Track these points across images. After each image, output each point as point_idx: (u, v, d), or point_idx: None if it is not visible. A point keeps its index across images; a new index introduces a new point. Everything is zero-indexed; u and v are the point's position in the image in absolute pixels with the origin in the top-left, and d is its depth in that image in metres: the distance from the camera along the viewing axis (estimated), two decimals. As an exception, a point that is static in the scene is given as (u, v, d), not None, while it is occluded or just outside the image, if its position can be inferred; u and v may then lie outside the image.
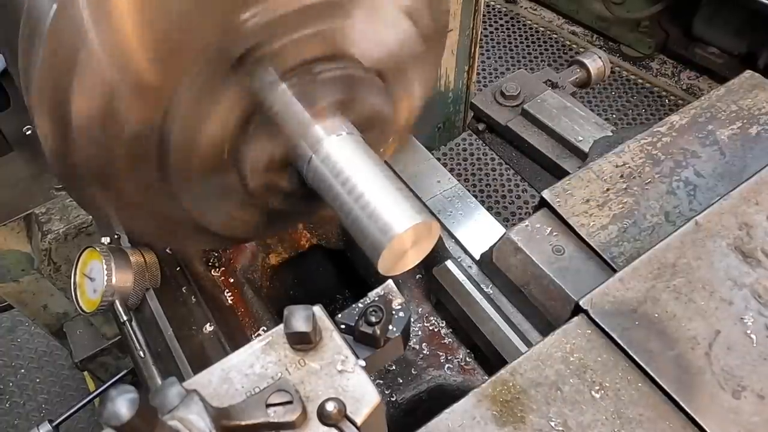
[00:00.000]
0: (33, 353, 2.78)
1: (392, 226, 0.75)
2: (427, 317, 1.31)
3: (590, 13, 3.77)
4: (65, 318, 1.91)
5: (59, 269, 1.60)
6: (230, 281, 1.37)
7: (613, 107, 3.50)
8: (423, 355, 1.25)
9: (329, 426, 0.61)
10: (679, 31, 3.50)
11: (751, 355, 0.80)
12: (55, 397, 2.66)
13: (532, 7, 4.07)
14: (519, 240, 1.09)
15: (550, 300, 1.07)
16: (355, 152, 0.84)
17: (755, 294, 0.86)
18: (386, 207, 0.77)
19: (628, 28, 3.65)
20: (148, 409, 0.51)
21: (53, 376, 2.72)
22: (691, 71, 3.57)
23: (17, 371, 2.74)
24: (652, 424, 0.76)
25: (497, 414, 0.78)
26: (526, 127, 1.57)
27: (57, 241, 1.51)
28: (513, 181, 3.18)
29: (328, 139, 0.84)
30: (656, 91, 3.57)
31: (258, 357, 0.67)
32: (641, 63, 3.67)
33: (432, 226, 0.79)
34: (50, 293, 1.77)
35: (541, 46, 3.87)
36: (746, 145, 1.13)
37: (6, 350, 2.81)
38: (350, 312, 0.77)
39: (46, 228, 1.51)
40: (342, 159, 0.83)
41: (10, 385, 2.70)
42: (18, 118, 1.49)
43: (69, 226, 1.51)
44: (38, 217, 1.52)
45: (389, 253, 0.76)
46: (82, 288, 1.26)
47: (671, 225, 1.05)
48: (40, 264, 1.58)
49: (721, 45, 3.33)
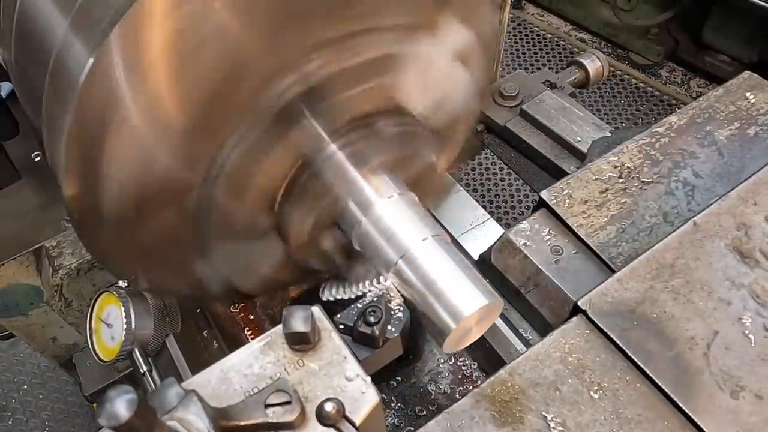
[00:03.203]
0: (36, 369, 2.69)
1: (460, 309, 0.71)
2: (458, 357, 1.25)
3: (598, 19, 3.71)
4: (74, 349, 1.81)
5: (71, 305, 1.51)
6: (250, 318, 1.31)
7: (622, 116, 3.45)
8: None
9: (328, 426, 0.61)
10: (689, 39, 3.45)
11: (749, 356, 0.81)
12: (58, 414, 2.56)
13: (539, 14, 4.02)
14: (518, 240, 1.09)
15: (549, 300, 1.07)
16: (410, 216, 0.79)
17: (753, 294, 0.86)
18: (453, 287, 0.72)
19: (636, 36, 3.59)
20: (147, 410, 0.51)
21: (56, 392, 2.63)
22: (700, 79, 3.51)
23: (19, 387, 2.65)
24: (651, 424, 0.76)
25: (496, 414, 0.79)
26: (524, 127, 1.57)
27: (69, 276, 1.43)
28: (511, 181, 3.18)
29: (380, 201, 0.79)
30: (666, 99, 3.52)
31: (257, 357, 0.67)
32: (650, 70, 3.62)
33: (497, 306, 0.74)
34: (59, 325, 1.67)
35: (549, 53, 3.82)
36: (744, 146, 1.13)
37: (8, 366, 2.72)
38: (349, 312, 0.77)
39: (57, 263, 1.42)
40: (395, 224, 0.78)
41: (12, 401, 2.61)
42: (26, 144, 1.43)
43: (81, 261, 1.42)
44: (49, 251, 1.43)
45: (455, 334, 0.73)
46: (99, 334, 1.18)
47: (669, 225, 1.05)
48: (50, 299, 1.50)
49: (732, 53, 3.27)
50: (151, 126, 0.69)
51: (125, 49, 0.63)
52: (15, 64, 0.87)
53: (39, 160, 1.49)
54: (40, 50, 0.73)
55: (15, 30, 0.80)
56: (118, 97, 0.65)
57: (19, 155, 1.46)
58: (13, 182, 1.45)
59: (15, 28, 0.80)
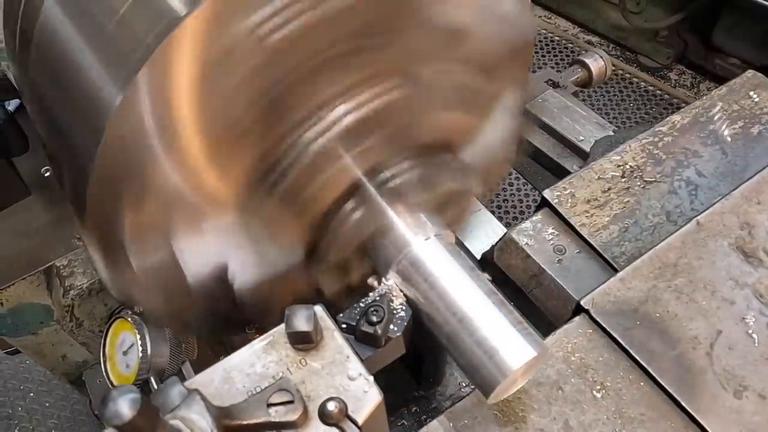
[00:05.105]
0: (42, 376, 2.64)
1: (509, 363, 0.68)
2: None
3: (607, 22, 3.67)
4: (84, 366, 1.75)
5: (81, 324, 1.47)
6: None
7: (631, 119, 3.41)
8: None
9: (330, 425, 0.61)
10: (699, 42, 3.40)
11: (752, 355, 0.80)
12: (65, 422, 2.53)
13: (546, 16, 3.98)
14: (520, 240, 1.09)
15: (552, 300, 1.07)
16: (450, 260, 0.78)
17: (757, 294, 0.86)
18: (499, 338, 0.70)
19: (645, 38, 3.55)
20: (150, 409, 0.51)
21: (63, 399, 2.59)
22: (710, 82, 3.45)
23: (26, 395, 2.61)
24: (654, 423, 0.76)
25: (498, 413, 0.78)
26: (527, 126, 1.57)
27: (80, 297, 1.38)
28: (514, 180, 3.17)
29: (416, 241, 0.79)
30: (675, 103, 3.47)
31: (259, 356, 0.67)
32: (659, 73, 3.58)
33: (544, 354, 0.72)
34: (69, 343, 1.62)
35: (557, 56, 3.79)
36: (748, 145, 1.13)
37: (14, 373, 2.67)
38: (351, 312, 0.77)
39: (68, 283, 1.37)
40: (435, 267, 0.77)
41: (18, 409, 2.57)
42: (36, 159, 1.41)
43: (93, 281, 1.37)
44: (60, 270, 1.38)
45: (502, 387, 0.70)
46: (113, 361, 1.15)
47: (672, 225, 1.05)
48: (60, 319, 1.46)
49: (742, 56, 3.23)
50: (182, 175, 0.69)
51: (153, 87, 0.62)
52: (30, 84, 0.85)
53: (48, 175, 1.46)
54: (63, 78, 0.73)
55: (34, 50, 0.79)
56: (149, 143, 0.65)
57: (29, 171, 1.44)
58: (23, 198, 1.43)
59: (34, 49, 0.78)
